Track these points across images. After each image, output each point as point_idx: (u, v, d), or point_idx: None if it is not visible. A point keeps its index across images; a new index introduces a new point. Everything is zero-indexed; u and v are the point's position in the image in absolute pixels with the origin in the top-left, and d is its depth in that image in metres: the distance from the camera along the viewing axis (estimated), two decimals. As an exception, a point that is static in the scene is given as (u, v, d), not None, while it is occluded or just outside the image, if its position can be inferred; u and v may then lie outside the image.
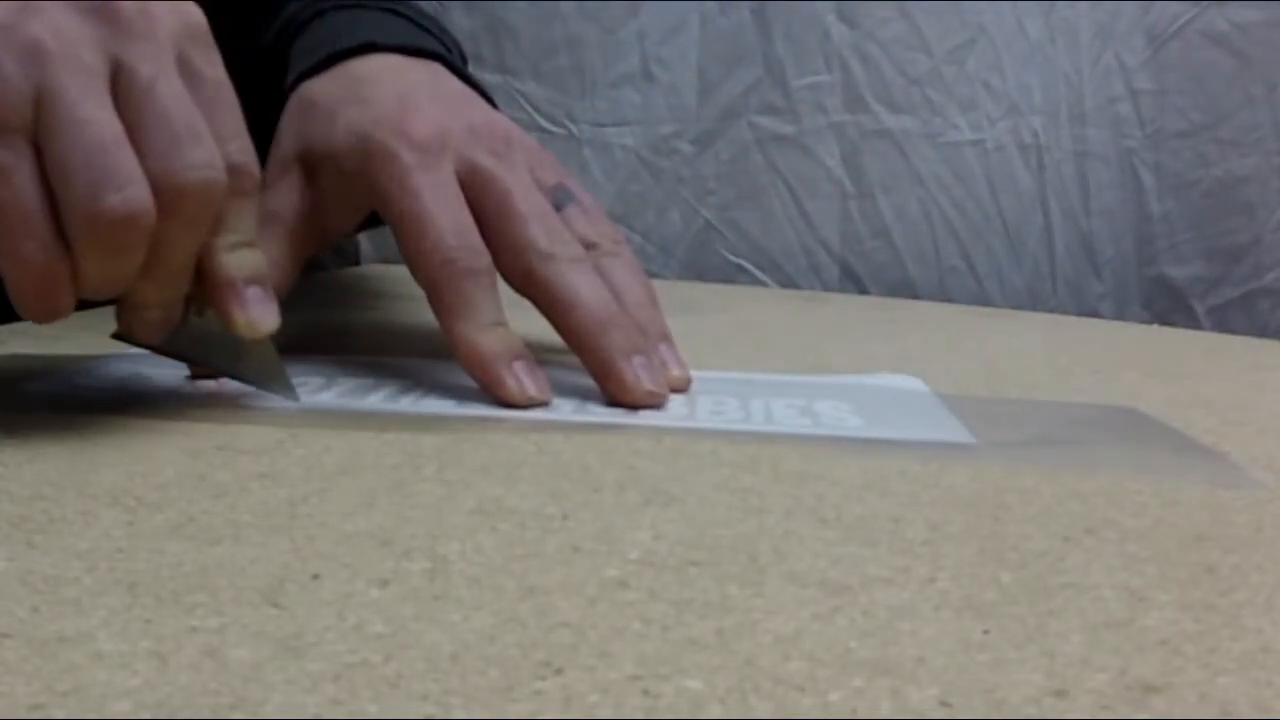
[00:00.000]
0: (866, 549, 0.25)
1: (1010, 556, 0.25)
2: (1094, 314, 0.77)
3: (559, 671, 0.19)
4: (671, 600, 0.22)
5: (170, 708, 0.17)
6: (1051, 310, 0.77)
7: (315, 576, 0.23)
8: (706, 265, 0.82)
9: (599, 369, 0.36)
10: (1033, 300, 0.78)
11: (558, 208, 0.39)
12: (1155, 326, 0.72)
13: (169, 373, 0.39)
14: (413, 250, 0.37)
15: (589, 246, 0.39)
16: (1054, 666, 0.19)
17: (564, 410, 0.36)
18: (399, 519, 0.26)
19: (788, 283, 0.80)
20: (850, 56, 0.79)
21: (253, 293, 0.33)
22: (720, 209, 0.81)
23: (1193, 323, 0.75)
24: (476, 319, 0.36)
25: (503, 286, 0.38)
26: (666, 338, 0.39)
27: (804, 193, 0.80)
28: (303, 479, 0.29)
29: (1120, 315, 0.77)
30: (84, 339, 0.46)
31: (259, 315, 0.33)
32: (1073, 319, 0.70)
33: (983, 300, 0.78)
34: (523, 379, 0.35)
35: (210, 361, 0.36)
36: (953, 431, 0.35)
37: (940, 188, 0.79)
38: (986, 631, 0.21)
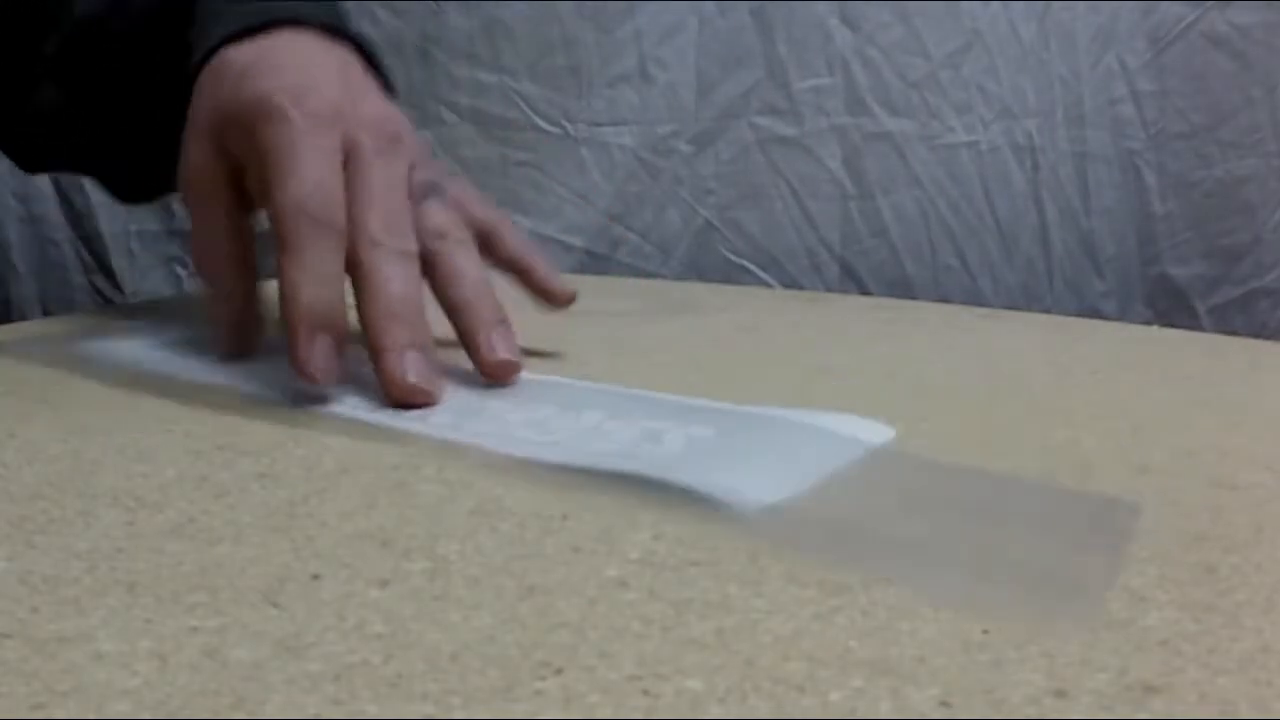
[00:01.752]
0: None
1: (1010, 556, 0.25)
2: (1095, 312, 0.77)
3: (559, 671, 0.19)
4: (671, 600, 0.22)
5: (170, 708, 0.17)
6: (1048, 307, 0.77)
7: (315, 576, 0.23)
8: (707, 265, 0.82)
9: (374, 356, 0.35)
10: (1027, 297, 0.79)
11: (421, 199, 0.40)
12: (1155, 327, 0.72)
13: (172, 366, 0.39)
14: (273, 201, 0.36)
15: (438, 236, 0.39)
16: (1054, 666, 0.19)
17: (348, 406, 0.35)
18: (399, 519, 0.26)
19: (790, 282, 0.80)
20: (852, 60, 0.79)
21: None
22: (721, 209, 0.81)
23: (1194, 322, 0.76)
24: (312, 268, 0.35)
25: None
26: (503, 322, 0.38)
27: (806, 194, 0.80)
28: (303, 479, 0.29)
29: (1123, 314, 0.77)
30: (88, 343, 0.46)
31: None
32: (1073, 319, 0.70)
33: (977, 297, 0.78)
34: (317, 351, 0.34)
35: None
36: (767, 491, 0.28)
37: (937, 189, 0.80)
38: (986, 631, 0.21)
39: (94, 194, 0.82)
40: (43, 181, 0.81)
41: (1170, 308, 0.77)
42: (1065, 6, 0.78)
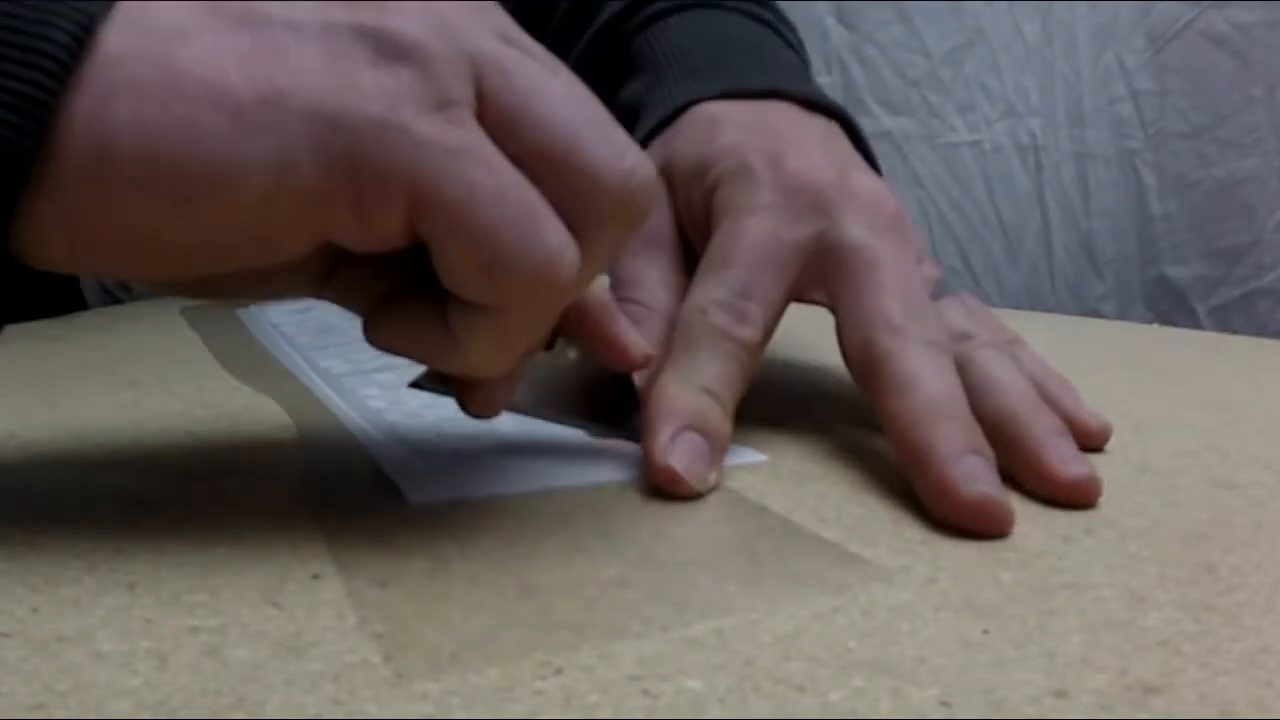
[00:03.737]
0: (866, 549, 0.25)
1: (1010, 556, 0.25)
2: (1095, 314, 0.77)
3: (559, 671, 0.19)
4: (671, 600, 0.22)
5: (170, 708, 0.17)
6: (1050, 309, 0.77)
7: (315, 576, 0.23)
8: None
9: (916, 465, 0.28)
10: (1031, 299, 0.79)
11: (933, 298, 0.33)
12: (1155, 326, 0.72)
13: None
14: (692, 285, 0.32)
15: (963, 338, 0.33)
16: (1054, 666, 0.19)
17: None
18: (399, 519, 0.26)
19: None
20: (849, 58, 0.79)
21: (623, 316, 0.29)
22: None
23: (1194, 323, 0.76)
24: (688, 375, 0.30)
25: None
26: (1064, 433, 0.30)
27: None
28: (303, 479, 0.29)
29: (1123, 315, 0.77)
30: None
31: (642, 341, 0.29)
32: (1073, 318, 0.70)
33: (980, 299, 0.78)
34: (682, 444, 0.28)
35: (558, 411, 0.30)
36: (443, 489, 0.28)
37: (938, 188, 0.80)
38: (986, 631, 0.21)
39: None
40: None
41: (1170, 309, 0.77)
42: (1067, 5, 0.78)
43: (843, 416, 0.36)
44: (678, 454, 0.28)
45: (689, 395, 0.29)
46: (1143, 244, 0.79)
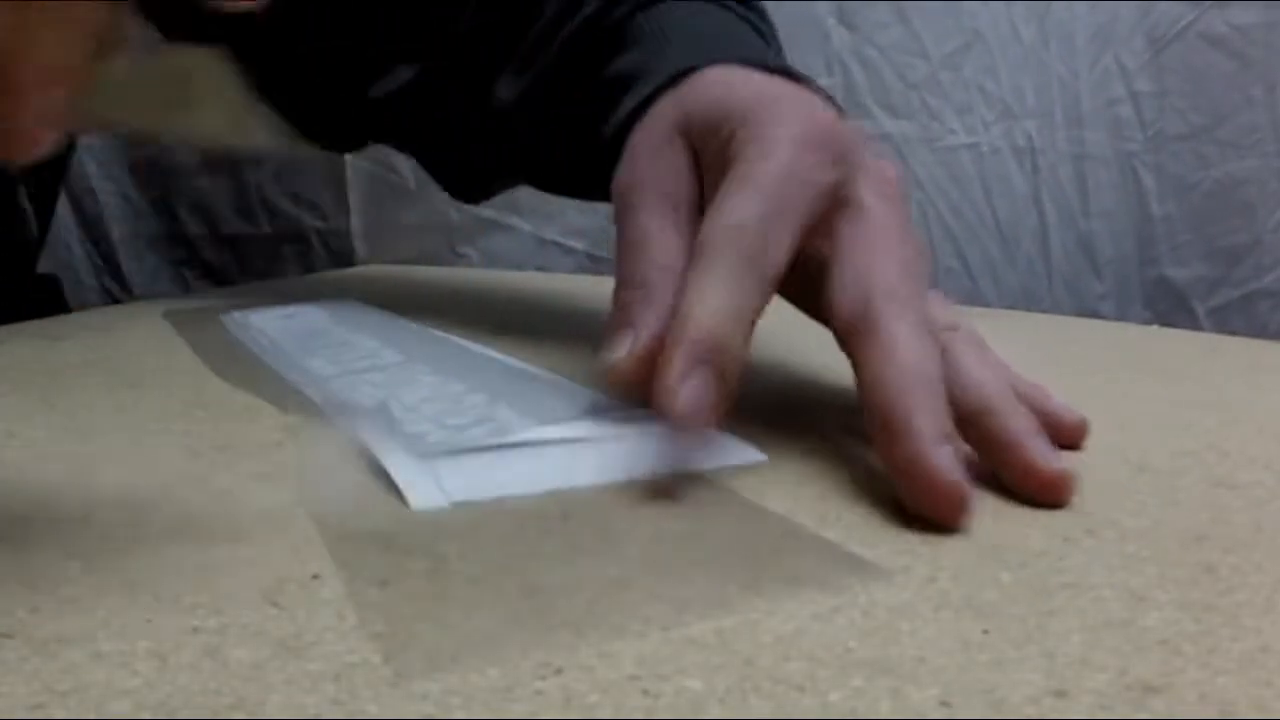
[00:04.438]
0: (866, 549, 0.25)
1: (1010, 556, 0.25)
2: (1094, 314, 0.77)
3: (559, 671, 0.19)
4: (671, 600, 0.22)
5: (170, 708, 0.17)
6: (1048, 309, 0.77)
7: (315, 576, 0.23)
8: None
9: (889, 434, 0.27)
10: (1028, 299, 0.79)
11: None
12: (1155, 327, 0.72)
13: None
14: (707, 219, 0.31)
15: (948, 328, 0.32)
16: (1054, 666, 0.19)
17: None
18: (399, 519, 0.26)
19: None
20: (850, 60, 0.79)
21: None
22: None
23: (1193, 323, 0.76)
24: (713, 297, 0.29)
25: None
26: (1041, 432, 0.30)
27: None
28: (303, 479, 0.29)
29: (1121, 316, 0.77)
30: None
31: None
32: (1073, 319, 0.70)
33: (978, 299, 0.78)
34: (691, 383, 0.28)
35: (142, 118, 0.25)
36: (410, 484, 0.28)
37: (938, 190, 0.80)
38: (986, 631, 0.21)
39: (104, 199, 0.82)
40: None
41: (1170, 309, 0.77)
42: (1065, 6, 0.78)
43: (843, 417, 0.36)
44: (685, 395, 0.28)
45: (707, 317, 0.29)
46: (1142, 245, 0.79)
